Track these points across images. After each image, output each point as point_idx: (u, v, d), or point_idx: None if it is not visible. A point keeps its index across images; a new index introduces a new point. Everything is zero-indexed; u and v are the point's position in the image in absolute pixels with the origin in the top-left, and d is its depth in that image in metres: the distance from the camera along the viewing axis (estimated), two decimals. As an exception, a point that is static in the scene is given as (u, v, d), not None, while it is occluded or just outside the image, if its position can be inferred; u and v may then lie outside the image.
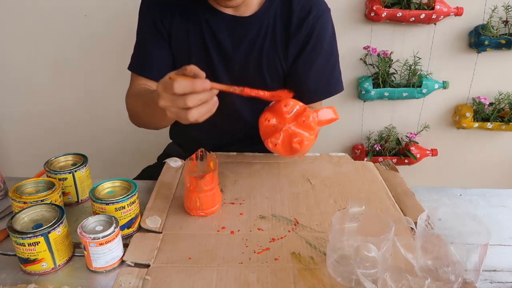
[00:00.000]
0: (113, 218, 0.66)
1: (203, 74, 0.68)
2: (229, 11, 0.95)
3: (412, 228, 0.72)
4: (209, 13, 0.96)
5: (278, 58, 0.98)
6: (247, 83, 0.99)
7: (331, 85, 1.01)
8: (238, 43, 0.96)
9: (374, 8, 1.43)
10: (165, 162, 0.97)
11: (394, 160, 1.63)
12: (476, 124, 1.59)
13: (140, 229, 0.74)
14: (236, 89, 0.72)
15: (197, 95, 0.66)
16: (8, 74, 1.62)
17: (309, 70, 0.98)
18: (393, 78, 1.58)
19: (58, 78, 1.62)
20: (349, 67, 1.58)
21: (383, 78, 1.54)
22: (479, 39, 1.47)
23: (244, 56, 0.98)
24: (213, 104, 0.69)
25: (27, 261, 0.64)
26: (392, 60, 1.55)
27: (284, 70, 1.00)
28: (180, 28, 0.97)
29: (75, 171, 0.80)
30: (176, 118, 0.69)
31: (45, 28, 1.54)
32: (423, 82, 1.54)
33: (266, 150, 1.12)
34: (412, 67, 1.53)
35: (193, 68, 0.68)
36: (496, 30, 1.47)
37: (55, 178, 0.79)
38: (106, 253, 0.64)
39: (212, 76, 0.99)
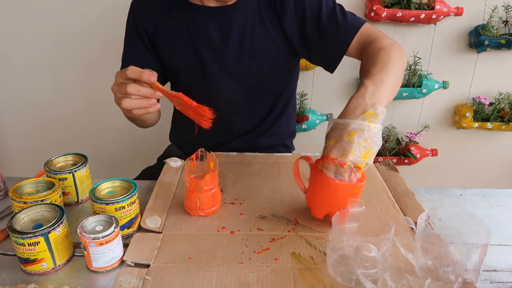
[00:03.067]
0: (113, 218, 0.66)
1: (155, 74, 0.74)
2: (212, 3, 0.96)
3: (412, 228, 0.72)
4: (193, 10, 0.97)
5: (274, 41, 0.97)
6: (241, 72, 1.00)
7: (350, 25, 0.93)
8: (227, 33, 0.97)
9: (374, 8, 1.43)
10: (165, 162, 0.97)
11: (394, 160, 1.63)
12: (476, 124, 1.59)
13: (140, 229, 0.74)
14: (172, 93, 0.75)
15: (136, 85, 0.72)
16: (8, 74, 1.62)
17: (326, 34, 0.93)
18: (393, 78, 1.58)
19: (58, 79, 1.62)
20: (349, 67, 1.57)
21: (383, 78, 1.54)
22: (479, 39, 1.47)
23: (236, 45, 0.97)
24: (148, 102, 0.74)
25: (27, 261, 0.64)
26: (392, 60, 1.54)
27: (293, 51, 0.99)
28: (165, 30, 0.99)
29: (75, 171, 0.81)
30: (116, 103, 0.76)
31: (45, 28, 1.54)
32: (423, 82, 1.54)
33: (265, 150, 1.13)
34: (412, 67, 1.53)
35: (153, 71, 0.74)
36: (496, 30, 1.47)
37: (55, 178, 0.79)
38: (106, 253, 0.64)
39: (204, 71, 1.00)
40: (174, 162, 0.96)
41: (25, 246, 0.62)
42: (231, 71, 1.00)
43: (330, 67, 0.99)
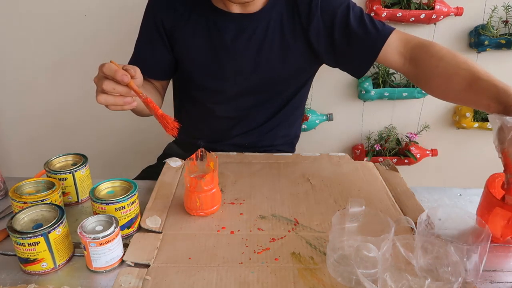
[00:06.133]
0: (113, 218, 0.66)
1: (137, 71, 0.74)
2: (236, 10, 0.96)
3: (412, 228, 0.72)
4: (217, 14, 0.97)
5: (292, 52, 0.98)
6: (256, 78, 1.01)
7: (381, 31, 0.92)
8: (247, 40, 0.97)
9: (374, 8, 1.43)
10: (165, 162, 0.97)
11: (394, 160, 1.63)
12: (476, 124, 1.59)
13: (140, 229, 0.74)
14: (142, 96, 0.75)
15: (112, 83, 0.72)
16: (8, 74, 1.62)
17: (357, 41, 0.93)
18: (393, 78, 1.57)
19: (58, 78, 1.62)
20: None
21: (383, 78, 1.54)
22: (479, 39, 1.47)
23: (254, 52, 0.98)
24: (123, 101, 0.74)
25: (27, 261, 0.64)
26: (392, 60, 1.54)
27: (313, 61, 1.01)
28: (185, 30, 0.98)
29: (75, 171, 0.80)
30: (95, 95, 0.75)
31: (45, 28, 1.54)
32: (423, 82, 1.54)
33: (265, 148, 1.14)
34: (412, 67, 1.53)
35: (135, 67, 0.74)
36: (496, 30, 1.47)
37: (55, 178, 0.79)
38: (106, 253, 0.64)
39: (219, 74, 1.01)
40: (174, 162, 0.96)
41: (25, 246, 0.62)
42: (246, 76, 1.01)
43: (357, 73, 0.99)
